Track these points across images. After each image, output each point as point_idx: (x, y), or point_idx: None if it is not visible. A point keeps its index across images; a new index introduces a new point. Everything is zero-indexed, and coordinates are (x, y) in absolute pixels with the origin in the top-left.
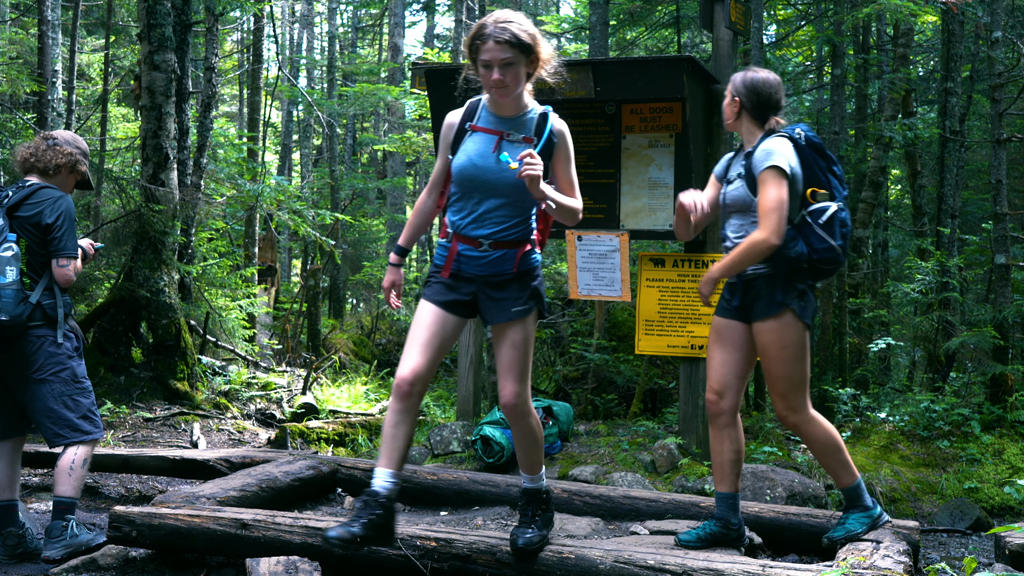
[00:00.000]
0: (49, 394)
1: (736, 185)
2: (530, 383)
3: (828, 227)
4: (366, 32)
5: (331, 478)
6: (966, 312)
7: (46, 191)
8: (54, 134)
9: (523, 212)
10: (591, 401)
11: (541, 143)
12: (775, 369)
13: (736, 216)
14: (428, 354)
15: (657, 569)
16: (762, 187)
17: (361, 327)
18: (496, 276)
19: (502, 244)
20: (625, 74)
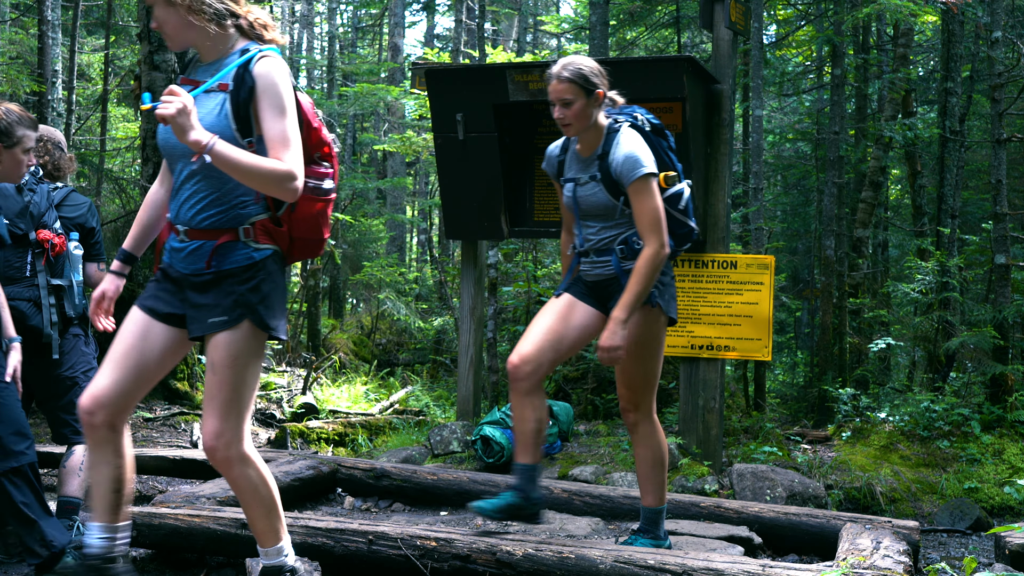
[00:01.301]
0: (77, 393)
1: (591, 188)
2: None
3: (685, 210)
4: (366, 32)
5: (331, 478)
6: (966, 312)
7: (78, 195)
8: (56, 138)
9: (218, 187)
10: (591, 401)
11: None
12: (631, 365)
13: (594, 220)
14: (118, 374)
15: (657, 569)
16: (639, 198)
17: (361, 327)
18: (196, 275)
19: (197, 232)
20: (625, 74)
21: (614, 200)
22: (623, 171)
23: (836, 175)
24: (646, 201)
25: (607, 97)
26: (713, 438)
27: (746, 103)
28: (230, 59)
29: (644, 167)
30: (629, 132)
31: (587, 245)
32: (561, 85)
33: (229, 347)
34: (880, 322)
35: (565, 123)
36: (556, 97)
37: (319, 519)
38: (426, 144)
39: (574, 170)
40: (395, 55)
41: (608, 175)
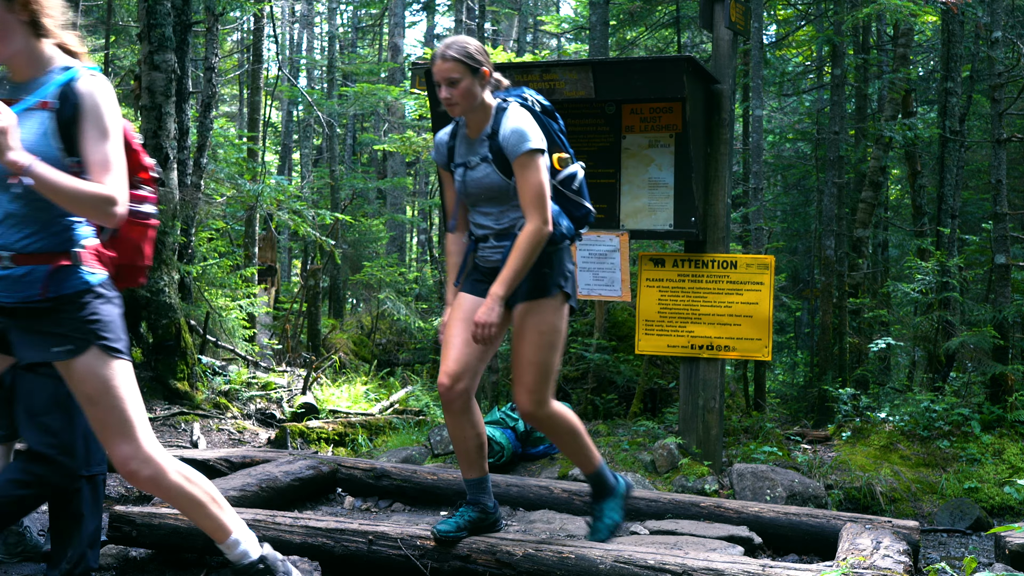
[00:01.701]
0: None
1: (483, 170)
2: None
3: (580, 192)
4: (366, 32)
5: (331, 478)
6: (966, 312)
7: None
8: None
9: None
10: (591, 401)
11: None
12: (530, 355)
13: (489, 204)
14: None
15: (657, 569)
16: (523, 172)
17: (361, 327)
18: (27, 303)
19: (25, 257)
20: (625, 74)
21: (507, 180)
22: (509, 145)
23: (836, 175)
24: (531, 176)
25: (493, 77)
26: (713, 438)
27: (746, 103)
28: (48, 76)
29: (530, 141)
30: (518, 109)
31: (485, 231)
32: (446, 64)
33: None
34: (880, 322)
35: (452, 103)
36: (442, 77)
37: (319, 519)
38: (426, 144)
39: (464, 154)
40: (395, 55)
41: (499, 154)
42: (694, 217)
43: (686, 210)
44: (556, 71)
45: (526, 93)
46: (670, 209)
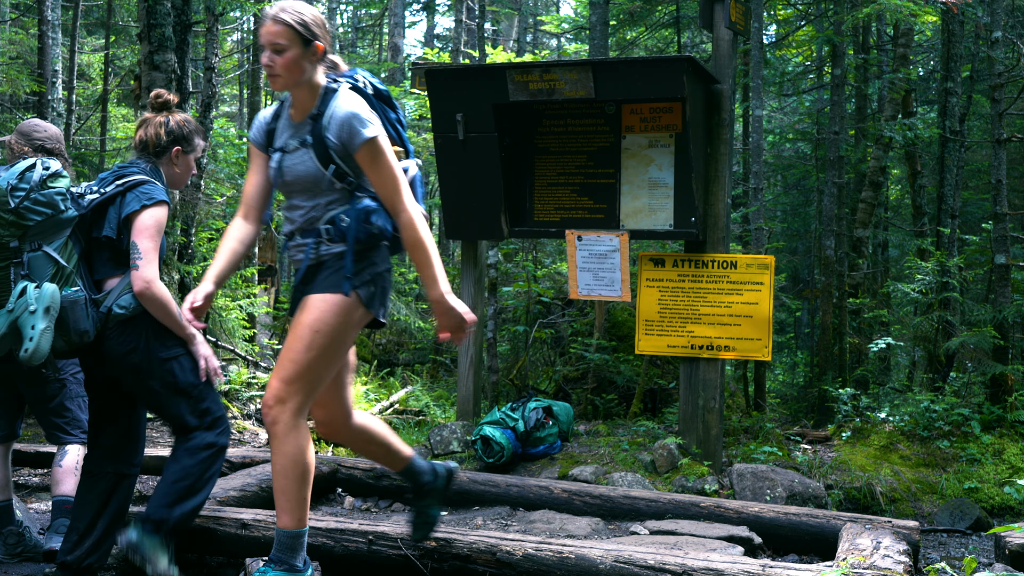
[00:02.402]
0: (66, 394)
1: (299, 156)
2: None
3: (412, 190)
4: (366, 32)
5: (331, 478)
6: (966, 312)
7: None
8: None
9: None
10: (591, 401)
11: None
12: (297, 351)
13: (302, 195)
14: None
15: (657, 569)
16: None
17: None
18: None
19: None
20: (625, 74)
21: (323, 170)
22: (345, 133)
23: (836, 175)
24: (382, 166)
25: (327, 55)
26: (713, 438)
27: (746, 103)
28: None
29: (369, 127)
30: (349, 93)
31: (292, 226)
32: (275, 27)
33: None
34: (880, 322)
35: (273, 73)
36: (267, 40)
37: (319, 519)
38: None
39: (284, 137)
40: (395, 55)
41: (321, 141)
42: (694, 217)
43: (686, 210)
44: (556, 71)
45: (359, 75)
46: (670, 209)
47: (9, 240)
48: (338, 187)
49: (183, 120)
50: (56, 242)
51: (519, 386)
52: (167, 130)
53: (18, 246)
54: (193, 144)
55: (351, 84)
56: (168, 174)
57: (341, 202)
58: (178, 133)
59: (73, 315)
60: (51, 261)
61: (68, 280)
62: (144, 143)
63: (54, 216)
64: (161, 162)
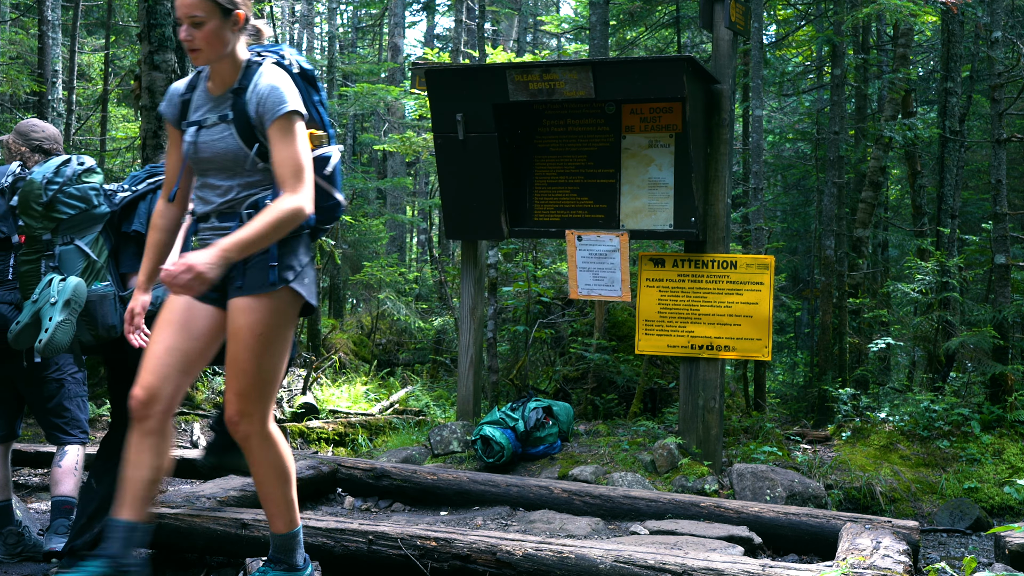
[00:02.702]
0: (65, 394)
1: (219, 132)
2: None
3: (332, 178)
4: (366, 32)
5: (331, 478)
6: (966, 312)
7: None
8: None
9: None
10: (591, 401)
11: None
12: (246, 360)
13: (220, 174)
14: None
15: (657, 569)
16: (281, 138)
17: (361, 327)
18: None
19: None
20: (625, 74)
21: (246, 148)
22: (265, 106)
23: (836, 175)
24: (290, 144)
25: (249, 23)
26: (713, 438)
27: (746, 103)
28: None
29: (289, 103)
30: (274, 68)
31: (208, 208)
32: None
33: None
34: (880, 322)
35: (193, 48)
36: (184, 14)
37: (319, 519)
38: (426, 144)
39: (201, 111)
40: (395, 55)
41: (243, 115)
42: (694, 217)
43: (686, 210)
44: (556, 71)
45: (285, 51)
46: (670, 209)
47: (42, 233)
48: (260, 167)
49: None
50: (88, 237)
51: (519, 386)
52: None
53: (50, 239)
54: None
55: (276, 60)
56: None
57: (263, 184)
58: None
59: (101, 309)
60: (82, 255)
61: (98, 275)
62: None
63: (87, 211)
64: None
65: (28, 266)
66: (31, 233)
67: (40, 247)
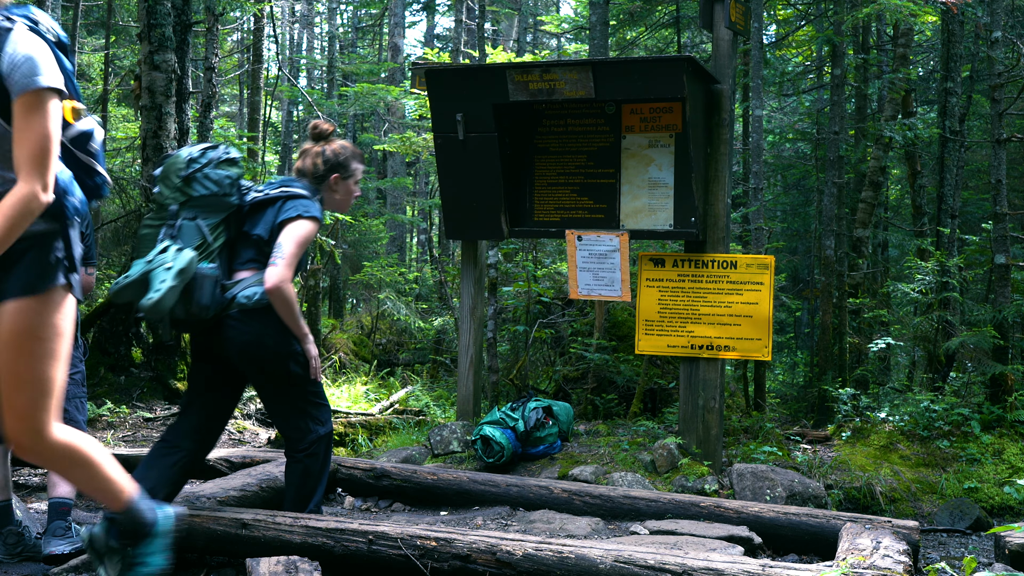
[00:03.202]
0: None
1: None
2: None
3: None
4: (366, 32)
5: (331, 478)
6: (966, 312)
7: None
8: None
9: None
10: (591, 401)
11: None
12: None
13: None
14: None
15: (657, 569)
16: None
17: (361, 327)
18: None
19: None
20: (625, 74)
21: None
22: (16, 75)
23: (836, 175)
24: (35, 121)
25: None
26: (713, 438)
27: (746, 103)
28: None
29: (43, 76)
30: (27, 33)
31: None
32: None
33: None
34: (880, 322)
35: None
36: None
37: (319, 519)
38: (426, 144)
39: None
40: (395, 55)
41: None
42: (694, 217)
43: (686, 210)
44: (556, 71)
45: (37, 15)
46: (670, 209)
47: (171, 203)
48: None
49: (339, 148)
50: (211, 220)
51: (519, 386)
52: (324, 159)
53: (176, 210)
54: (351, 169)
55: (30, 25)
56: (328, 199)
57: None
58: (334, 161)
59: (200, 288)
60: (200, 234)
61: (209, 256)
62: (302, 172)
63: (216, 195)
64: (321, 188)
65: (149, 230)
66: (162, 201)
67: (165, 216)
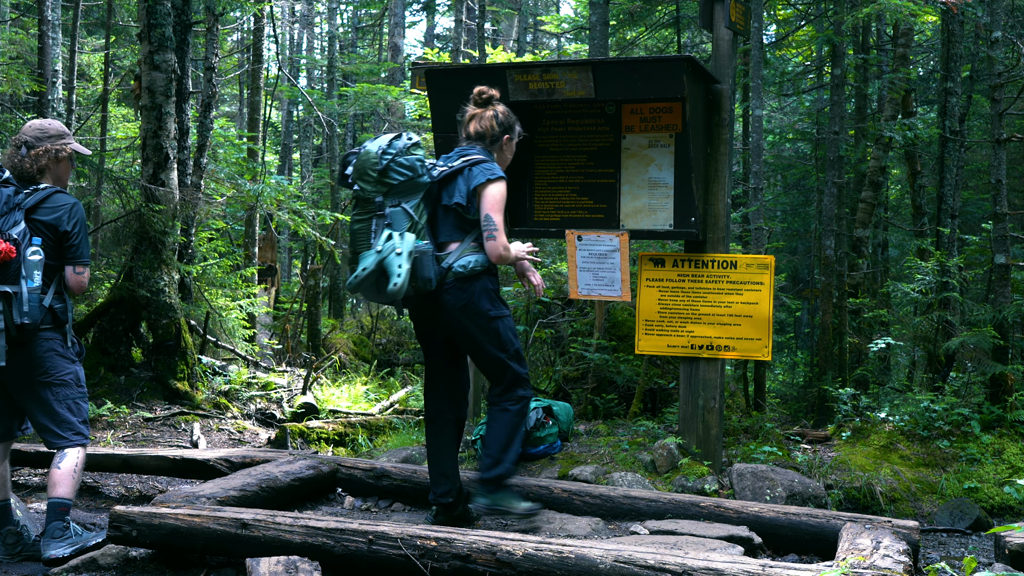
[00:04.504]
0: (54, 397)
1: None
2: None
3: None
4: (366, 32)
5: (331, 478)
6: (966, 312)
7: (61, 196)
8: (23, 137)
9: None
10: (591, 401)
11: None
12: None
13: None
14: None
15: (657, 569)
16: None
17: (361, 327)
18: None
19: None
20: (625, 74)
21: None
22: None
23: (836, 175)
24: None
25: None
26: (713, 438)
27: (746, 103)
28: None
29: None
30: None
31: None
32: None
33: None
34: (880, 322)
35: None
36: None
37: (319, 519)
38: (426, 144)
39: None
40: (395, 55)
41: None
42: (694, 217)
43: (686, 210)
44: (556, 71)
45: None
46: (670, 209)
47: (375, 195)
48: None
49: (505, 110)
50: (412, 201)
51: None
52: (498, 121)
53: (382, 201)
54: (516, 131)
55: None
56: (499, 159)
57: None
58: (506, 123)
59: (421, 264)
60: (407, 216)
61: (419, 234)
62: (481, 134)
63: (412, 178)
64: (493, 149)
65: (360, 224)
66: (364, 196)
67: (372, 208)
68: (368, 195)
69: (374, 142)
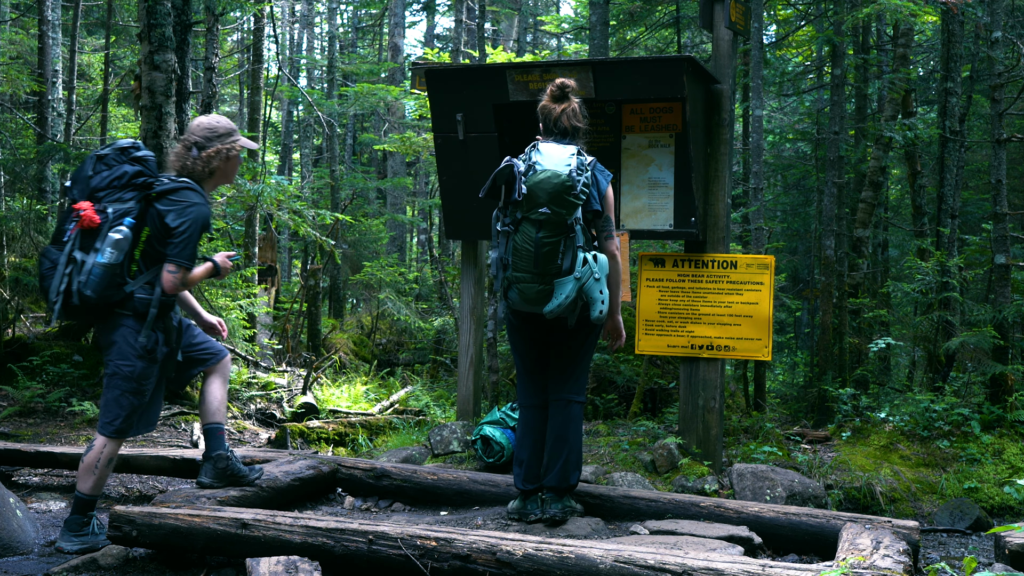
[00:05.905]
0: (110, 383)
1: None
2: None
3: None
4: (366, 32)
5: (331, 478)
6: (966, 312)
7: (188, 193)
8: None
9: None
10: (591, 401)
11: None
12: None
13: None
14: None
15: (657, 569)
16: None
17: (361, 327)
18: None
19: None
20: (625, 74)
21: None
22: None
23: (836, 175)
24: None
25: None
26: (713, 438)
27: (746, 103)
28: None
29: None
30: None
31: None
32: None
33: None
34: (880, 322)
35: None
36: None
37: (319, 519)
38: (426, 144)
39: None
40: (395, 55)
41: None
42: (694, 217)
43: (686, 210)
44: (556, 71)
45: None
46: (670, 209)
47: (567, 217)
48: None
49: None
50: (578, 214)
51: None
52: (583, 115)
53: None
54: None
55: None
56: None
57: None
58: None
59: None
60: (583, 231)
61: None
62: (576, 131)
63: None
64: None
65: (548, 247)
66: (557, 220)
67: (563, 230)
68: (560, 218)
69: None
